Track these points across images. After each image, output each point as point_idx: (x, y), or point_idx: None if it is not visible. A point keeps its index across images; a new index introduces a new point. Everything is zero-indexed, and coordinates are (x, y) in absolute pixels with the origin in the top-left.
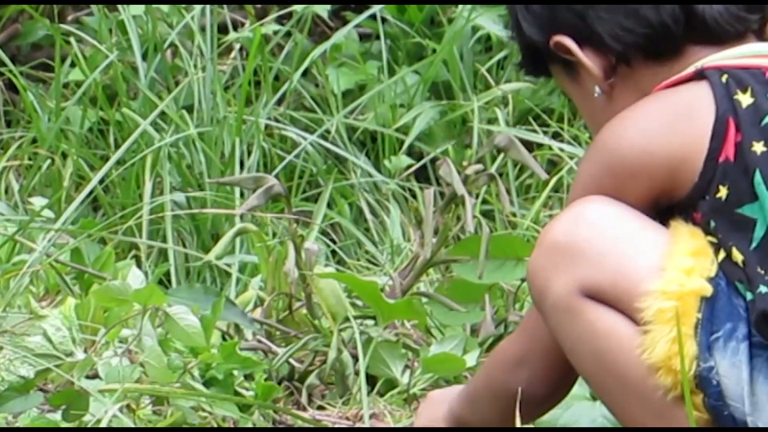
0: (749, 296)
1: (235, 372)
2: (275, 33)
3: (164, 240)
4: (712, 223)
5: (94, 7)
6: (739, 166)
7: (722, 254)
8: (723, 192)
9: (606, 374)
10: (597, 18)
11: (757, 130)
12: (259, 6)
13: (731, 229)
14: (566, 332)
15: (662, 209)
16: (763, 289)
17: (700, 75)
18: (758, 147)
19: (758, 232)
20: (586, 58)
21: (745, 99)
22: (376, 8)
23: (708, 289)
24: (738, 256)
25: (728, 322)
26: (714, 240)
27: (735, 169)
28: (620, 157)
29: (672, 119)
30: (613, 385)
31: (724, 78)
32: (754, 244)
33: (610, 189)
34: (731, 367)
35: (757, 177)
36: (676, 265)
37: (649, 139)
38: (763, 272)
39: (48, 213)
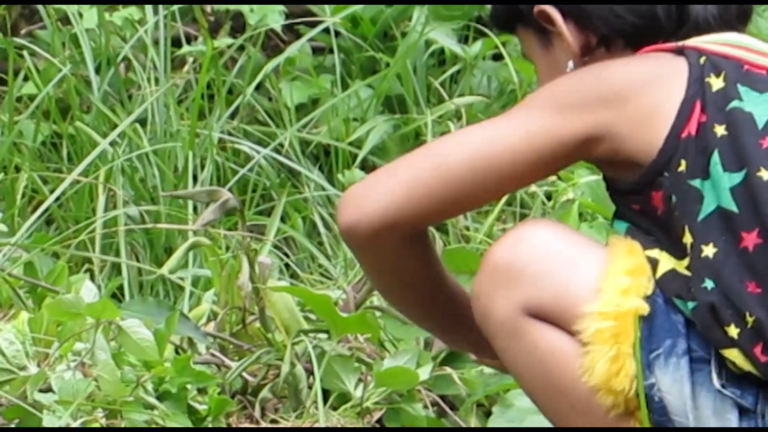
0: (690, 305)
1: (189, 386)
2: (228, 47)
3: (117, 253)
4: (674, 198)
5: (47, 21)
6: (699, 142)
7: (665, 267)
8: (683, 165)
9: (552, 392)
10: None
11: (722, 114)
12: (212, 19)
13: (684, 202)
14: (512, 352)
15: (620, 190)
16: (708, 284)
17: (679, 51)
18: (719, 130)
19: (706, 207)
20: (569, 33)
21: (716, 83)
22: (329, 22)
23: (645, 308)
24: (688, 238)
25: (668, 339)
26: (654, 249)
27: (695, 144)
28: (599, 81)
29: (653, 75)
30: (560, 403)
31: (702, 59)
32: (701, 216)
33: (571, 100)
34: (673, 382)
35: (715, 157)
36: (612, 286)
37: (631, 80)
38: (708, 255)
39: (0, 227)
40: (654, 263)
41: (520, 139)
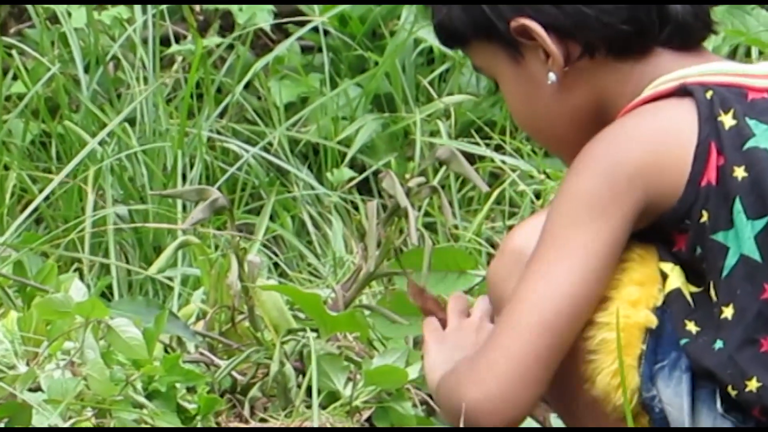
0: (683, 341)
1: (178, 385)
2: (217, 46)
3: (107, 253)
4: (698, 250)
5: (36, 20)
6: (720, 192)
7: (672, 285)
8: (705, 217)
9: (561, 382)
10: (577, 10)
11: (739, 154)
12: (201, 18)
13: (708, 257)
14: None
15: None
16: (718, 344)
17: (683, 90)
18: (739, 172)
19: (729, 261)
20: (553, 45)
21: (727, 120)
22: (317, 21)
23: (653, 321)
24: (713, 295)
25: (674, 351)
26: (668, 264)
27: (716, 193)
28: (620, 164)
29: (666, 127)
30: (568, 393)
31: (709, 94)
32: (725, 273)
33: (606, 198)
34: (675, 396)
35: (737, 205)
36: (621, 296)
37: (646, 148)
38: (726, 317)
39: None
40: (663, 278)
41: (595, 262)
